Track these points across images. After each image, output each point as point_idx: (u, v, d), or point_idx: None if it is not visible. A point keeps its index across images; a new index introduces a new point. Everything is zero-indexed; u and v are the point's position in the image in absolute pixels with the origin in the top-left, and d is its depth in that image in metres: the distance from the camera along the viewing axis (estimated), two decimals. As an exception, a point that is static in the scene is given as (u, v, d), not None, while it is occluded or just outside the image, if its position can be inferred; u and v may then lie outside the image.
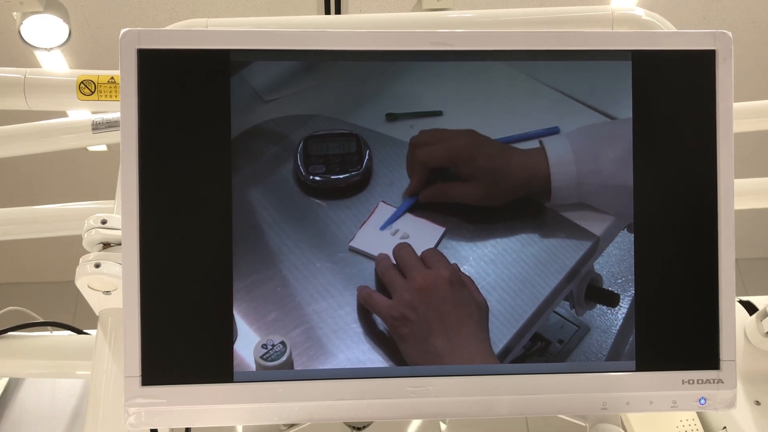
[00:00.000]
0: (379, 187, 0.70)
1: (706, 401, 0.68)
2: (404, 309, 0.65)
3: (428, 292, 0.65)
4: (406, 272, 0.66)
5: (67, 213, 1.15)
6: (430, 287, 0.66)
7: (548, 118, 0.69)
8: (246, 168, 0.67)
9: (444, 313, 0.65)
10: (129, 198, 0.65)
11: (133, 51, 0.65)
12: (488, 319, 0.67)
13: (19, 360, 1.03)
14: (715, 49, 0.68)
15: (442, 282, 0.66)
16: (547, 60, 0.69)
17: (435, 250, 0.67)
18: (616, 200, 0.68)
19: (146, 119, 0.65)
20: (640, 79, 0.68)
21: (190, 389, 0.65)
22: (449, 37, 0.68)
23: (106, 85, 1.02)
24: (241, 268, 0.66)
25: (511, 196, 0.69)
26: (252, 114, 0.67)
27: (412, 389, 0.66)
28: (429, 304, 0.65)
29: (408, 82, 0.69)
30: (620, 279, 0.69)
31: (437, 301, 0.65)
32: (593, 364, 0.68)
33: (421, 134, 0.68)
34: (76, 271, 0.82)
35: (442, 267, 0.67)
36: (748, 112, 1.15)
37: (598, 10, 1.05)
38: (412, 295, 0.65)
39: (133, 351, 0.64)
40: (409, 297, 0.65)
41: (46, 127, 1.14)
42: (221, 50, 0.66)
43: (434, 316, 0.65)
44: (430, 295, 0.65)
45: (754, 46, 3.31)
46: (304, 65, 0.68)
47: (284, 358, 0.66)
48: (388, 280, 0.66)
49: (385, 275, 0.67)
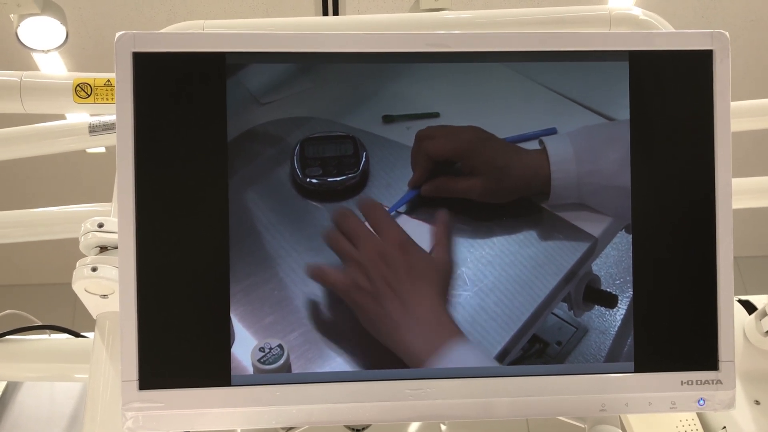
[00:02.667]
0: (376, 189, 0.70)
1: (705, 402, 0.68)
2: (357, 277, 0.66)
3: (379, 257, 0.66)
4: (355, 241, 0.67)
5: (65, 215, 1.15)
6: (381, 253, 0.66)
7: (545, 119, 0.69)
8: (242, 171, 0.67)
9: (395, 277, 0.66)
10: (125, 201, 0.64)
11: (128, 54, 0.65)
12: (450, 275, 0.66)
13: (17, 363, 1.03)
14: (712, 49, 0.68)
15: (391, 246, 0.66)
16: (544, 61, 0.68)
17: (384, 213, 0.67)
18: (615, 201, 0.68)
19: (142, 122, 0.65)
20: (638, 79, 0.68)
21: (188, 393, 0.65)
22: (446, 39, 0.68)
23: (102, 87, 1.02)
24: (238, 271, 0.66)
25: (512, 195, 0.69)
26: (248, 116, 0.67)
27: (411, 392, 0.66)
28: (380, 270, 0.66)
29: (405, 83, 0.68)
30: (618, 280, 0.69)
31: (388, 265, 0.66)
32: (592, 365, 0.68)
33: (428, 128, 0.68)
34: (73, 275, 0.81)
35: (392, 231, 0.67)
36: (745, 111, 1.15)
37: (596, 10, 1.05)
38: (363, 263, 0.66)
39: (130, 355, 0.64)
40: (361, 265, 0.66)
41: (43, 130, 1.14)
42: (217, 53, 0.66)
43: (386, 281, 0.66)
44: (381, 260, 0.66)
45: (752, 45, 3.31)
46: (300, 67, 0.68)
47: (282, 361, 0.66)
48: (339, 249, 0.67)
49: (334, 245, 0.67)
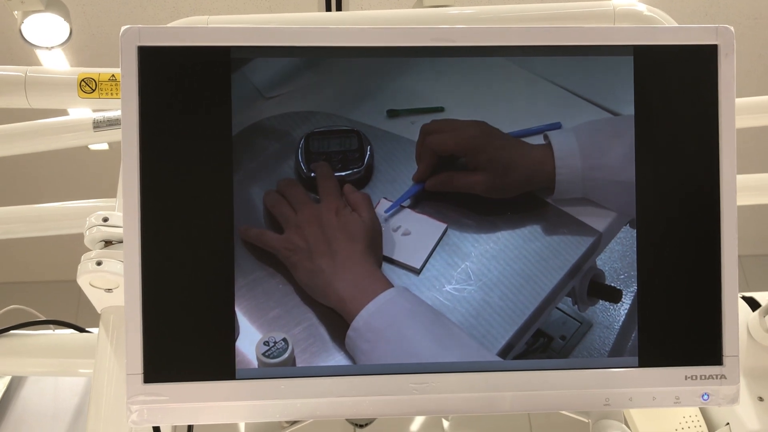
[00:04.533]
0: (380, 183, 0.70)
1: (709, 397, 0.68)
2: (295, 239, 0.68)
3: (316, 221, 0.69)
4: (297, 206, 0.69)
5: (69, 211, 1.15)
6: (318, 216, 0.69)
7: (550, 113, 0.69)
8: (247, 165, 0.67)
9: (329, 237, 0.68)
10: (130, 195, 0.64)
11: (133, 48, 0.65)
12: (379, 236, 0.69)
13: (22, 358, 1.03)
14: (717, 44, 0.68)
15: (328, 211, 0.69)
16: (549, 56, 0.68)
17: (332, 182, 0.69)
18: (619, 196, 0.68)
19: (147, 116, 0.65)
20: (642, 74, 0.68)
21: (193, 386, 0.65)
22: (450, 33, 0.68)
23: (106, 83, 1.02)
24: (243, 265, 0.66)
25: (516, 190, 0.69)
26: (253, 111, 0.67)
27: (415, 386, 0.66)
28: (315, 231, 0.68)
29: (409, 78, 0.68)
30: (623, 275, 0.69)
31: (323, 227, 0.69)
32: (596, 360, 0.68)
33: (432, 122, 0.68)
34: (78, 269, 0.82)
35: (332, 198, 0.69)
36: (750, 107, 1.15)
37: (600, 5, 1.05)
38: (301, 226, 0.69)
39: (135, 348, 0.64)
40: (300, 228, 0.68)
41: (47, 126, 1.15)
42: (222, 47, 0.66)
43: (320, 240, 0.68)
44: (317, 223, 0.69)
45: (757, 41, 3.30)
46: (305, 62, 0.68)
47: (286, 355, 0.66)
48: (279, 212, 0.69)
49: (275, 208, 0.69)
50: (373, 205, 0.70)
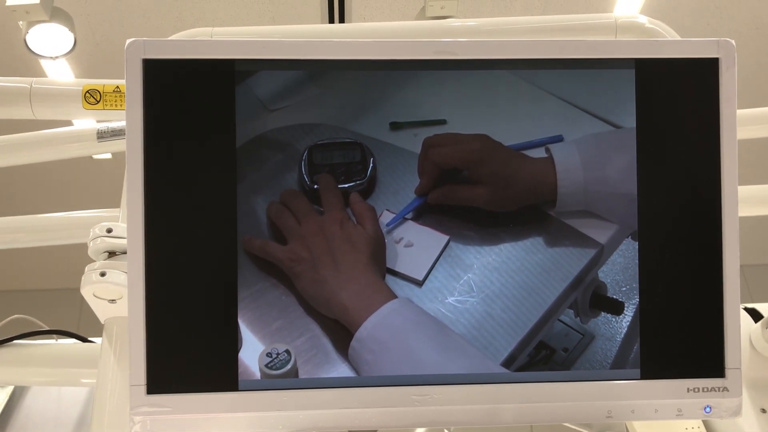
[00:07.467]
0: (383, 195, 0.70)
1: (711, 409, 0.68)
2: (299, 250, 0.68)
3: (320, 232, 0.69)
4: (301, 217, 0.69)
5: (73, 221, 1.16)
6: (322, 228, 0.69)
7: (552, 126, 0.69)
8: (251, 177, 0.67)
9: (333, 248, 0.69)
10: (134, 207, 0.65)
11: (138, 61, 0.66)
12: (383, 247, 0.69)
13: (24, 368, 1.03)
14: (718, 57, 0.68)
15: (332, 222, 0.69)
16: (551, 68, 0.69)
17: (336, 194, 0.69)
18: (621, 208, 0.69)
19: (151, 128, 0.65)
20: (644, 87, 0.68)
21: (195, 398, 0.65)
22: (453, 46, 0.68)
23: (111, 94, 1.03)
24: (246, 276, 0.66)
25: (519, 203, 0.70)
26: (257, 123, 0.68)
27: (417, 398, 0.66)
28: (319, 242, 0.69)
29: (412, 91, 0.69)
30: (625, 287, 0.69)
31: (327, 238, 0.69)
32: (598, 372, 0.68)
33: (434, 136, 0.69)
34: (82, 280, 0.82)
35: (336, 210, 0.69)
36: (752, 118, 1.15)
37: (602, 17, 1.06)
38: (305, 237, 0.69)
39: (139, 359, 0.64)
40: (304, 239, 0.69)
41: (51, 136, 1.15)
42: (226, 60, 0.67)
43: (324, 251, 0.68)
44: (322, 234, 0.69)
45: (758, 53, 3.31)
46: (308, 74, 0.69)
47: (289, 367, 0.66)
48: (283, 223, 0.69)
49: (279, 219, 0.69)
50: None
